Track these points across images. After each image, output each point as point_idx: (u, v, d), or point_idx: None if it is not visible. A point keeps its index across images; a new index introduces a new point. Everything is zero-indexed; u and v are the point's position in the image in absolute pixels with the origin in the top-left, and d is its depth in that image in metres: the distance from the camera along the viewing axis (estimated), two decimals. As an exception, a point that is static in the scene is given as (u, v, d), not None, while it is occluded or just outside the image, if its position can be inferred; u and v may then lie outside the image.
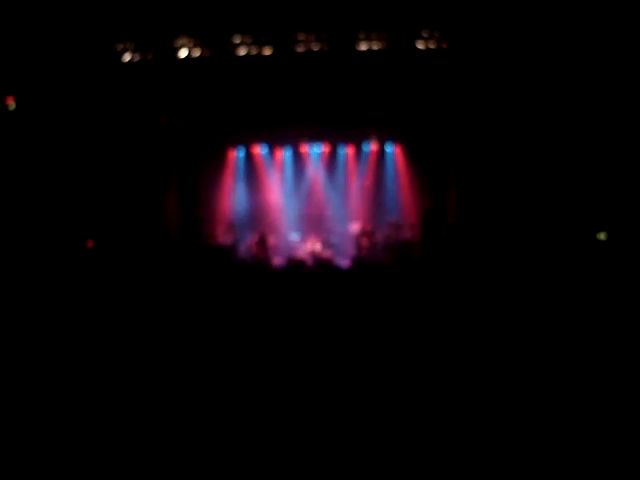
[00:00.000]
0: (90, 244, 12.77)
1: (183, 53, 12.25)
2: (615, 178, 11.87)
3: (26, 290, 8.47)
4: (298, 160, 16.61)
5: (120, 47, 12.26)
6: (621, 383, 4.33)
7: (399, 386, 4.44)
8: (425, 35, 11.90)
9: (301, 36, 12.03)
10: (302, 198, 16.55)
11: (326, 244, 15.43)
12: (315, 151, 16.54)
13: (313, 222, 16.07)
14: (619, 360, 4.85)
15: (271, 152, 16.66)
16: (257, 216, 16.25)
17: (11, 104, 11.88)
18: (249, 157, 16.64)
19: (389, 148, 16.30)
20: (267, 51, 12.25)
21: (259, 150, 16.63)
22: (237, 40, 12.17)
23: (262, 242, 15.00)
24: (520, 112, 12.70)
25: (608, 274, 9.17)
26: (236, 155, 16.65)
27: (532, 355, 5.08)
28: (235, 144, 16.47)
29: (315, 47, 12.02)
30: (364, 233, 15.04)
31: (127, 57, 12.35)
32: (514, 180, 12.92)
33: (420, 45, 11.89)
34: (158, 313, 7.09)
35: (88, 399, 4.24)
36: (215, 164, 16.17)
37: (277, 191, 16.59)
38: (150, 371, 4.87)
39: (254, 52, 12.26)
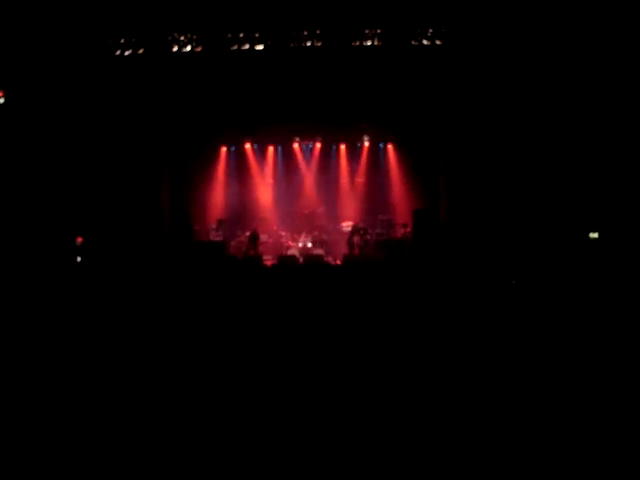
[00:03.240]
0: (79, 241, 12.66)
1: (176, 49, 12.17)
2: (606, 178, 11.92)
3: (17, 285, 8.40)
4: (290, 157, 16.56)
5: (113, 42, 12.16)
6: (616, 377, 4.34)
7: (389, 379, 4.43)
8: (420, 33, 11.89)
9: (295, 32, 11.97)
10: (293, 195, 16.51)
11: (317, 241, 15.41)
12: (307, 148, 16.50)
13: (304, 219, 16.04)
14: (612, 355, 4.86)
15: (263, 149, 16.60)
16: (248, 213, 16.19)
17: (0, 98, 11.75)
18: (241, 154, 16.58)
19: (382, 146, 16.31)
20: (260, 47, 12.19)
21: (251, 147, 16.57)
22: (230, 36, 12.09)
23: (253, 239, 14.95)
24: (513, 112, 12.72)
25: (600, 273, 9.21)
26: (228, 152, 16.58)
27: (522, 350, 5.08)
28: (227, 141, 16.40)
29: (309, 43, 11.97)
30: (356, 231, 15.02)
31: (119, 52, 12.25)
32: (505, 180, 12.95)
33: (415, 42, 11.87)
34: (150, 308, 7.06)
35: (83, 394, 4.22)
36: (207, 161, 16.09)
37: (268, 188, 16.54)
38: (143, 365, 4.85)
39: (247, 48, 12.19)
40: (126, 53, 12.20)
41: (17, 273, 9.62)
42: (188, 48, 12.15)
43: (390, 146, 16.28)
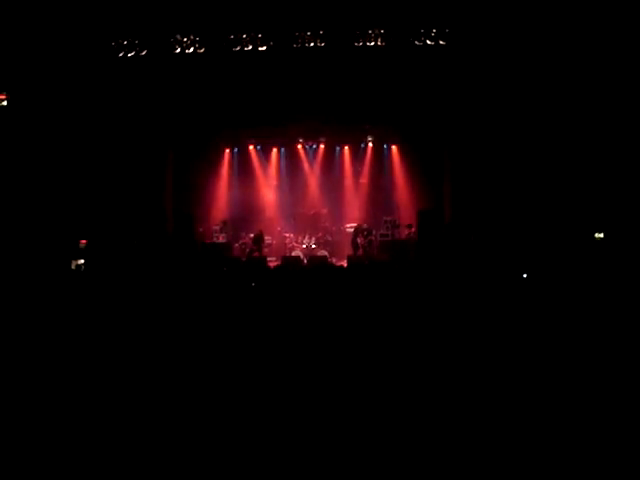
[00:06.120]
0: (83, 243, 12.67)
1: (179, 50, 12.18)
2: (613, 177, 11.85)
3: (19, 289, 8.39)
4: (294, 159, 16.55)
5: (116, 44, 12.18)
6: (620, 382, 4.28)
7: (394, 383, 4.38)
8: (423, 33, 11.85)
9: (298, 33, 11.95)
10: (297, 197, 16.49)
11: (321, 242, 15.38)
12: (311, 150, 16.48)
13: (308, 221, 16.02)
14: (617, 359, 4.81)
15: (266, 150, 16.59)
16: (252, 215, 16.19)
17: (2, 100, 11.78)
18: (244, 155, 16.57)
19: (386, 147, 16.29)
20: (263, 48, 12.17)
21: (254, 148, 16.57)
22: (233, 38, 12.09)
23: (258, 240, 14.94)
24: (518, 112, 12.66)
25: (605, 273, 9.14)
26: (231, 153, 16.58)
27: (529, 353, 5.03)
28: (230, 142, 16.40)
29: (312, 44, 11.95)
30: (360, 232, 14.99)
31: (123, 54, 12.26)
32: (510, 180, 12.89)
33: (418, 42, 11.83)
34: (153, 310, 7.03)
35: (85, 396, 4.20)
36: (210, 162, 16.09)
37: (272, 190, 16.53)
38: (147, 366, 4.83)
39: (250, 49, 12.19)
40: (129, 55, 12.21)
41: (20, 276, 9.61)
42: (191, 50, 12.15)
43: (394, 147, 16.24)
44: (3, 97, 11.80)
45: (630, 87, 11.62)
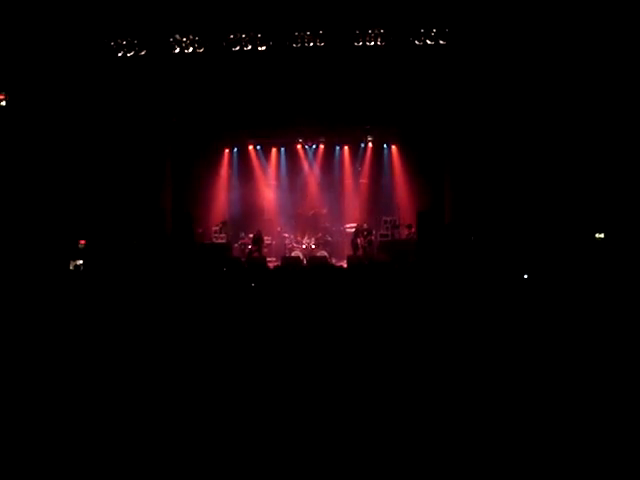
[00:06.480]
0: (82, 243, 12.64)
1: (178, 50, 12.14)
2: (613, 177, 11.83)
3: (18, 289, 8.37)
4: (293, 159, 16.52)
5: (115, 43, 12.15)
6: (620, 383, 4.26)
7: (394, 384, 4.36)
8: (423, 33, 11.82)
9: (298, 33, 11.92)
10: (297, 197, 16.46)
11: (321, 243, 15.36)
12: (311, 150, 16.46)
13: (308, 221, 16.00)
14: (618, 359, 4.79)
15: (266, 151, 16.56)
16: (252, 215, 16.17)
17: (1, 100, 11.75)
18: (244, 156, 16.54)
19: (386, 147, 16.26)
20: (263, 48, 12.14)
21: (254, 148, 16.53)
22: (232, 38, 12.06)
23: (257, 240, 14.92)
24: (518, 112, 12.64)
25: (606, 274, 9.12)
26: (231, 153, 16.55)
27: (529, 354, 5.01)
28: (230, 143, 16.37)
29: (312, 44, 11.92)
30: (360, 232, 14.97)
31: (121, 53, 12.23)
32: (511, 181, 12.87)
33: (418, 42, 11.80)
34: (153, 311, 7.01)
35: (83, 397, 4.18)
36: (210, 163, 16.07)
37: (272, 190, 16.51)
38: (146, 369, 4.81)
39: (249, 49, 12.16)
40: (128, 55, 12.18)
41: (19, 276, 9.59)
42: (190, 49, 12.11)
43: (394, 147, 16.22)
44: (2, 97, 11.77)
45: (629, 87, 11.60)
